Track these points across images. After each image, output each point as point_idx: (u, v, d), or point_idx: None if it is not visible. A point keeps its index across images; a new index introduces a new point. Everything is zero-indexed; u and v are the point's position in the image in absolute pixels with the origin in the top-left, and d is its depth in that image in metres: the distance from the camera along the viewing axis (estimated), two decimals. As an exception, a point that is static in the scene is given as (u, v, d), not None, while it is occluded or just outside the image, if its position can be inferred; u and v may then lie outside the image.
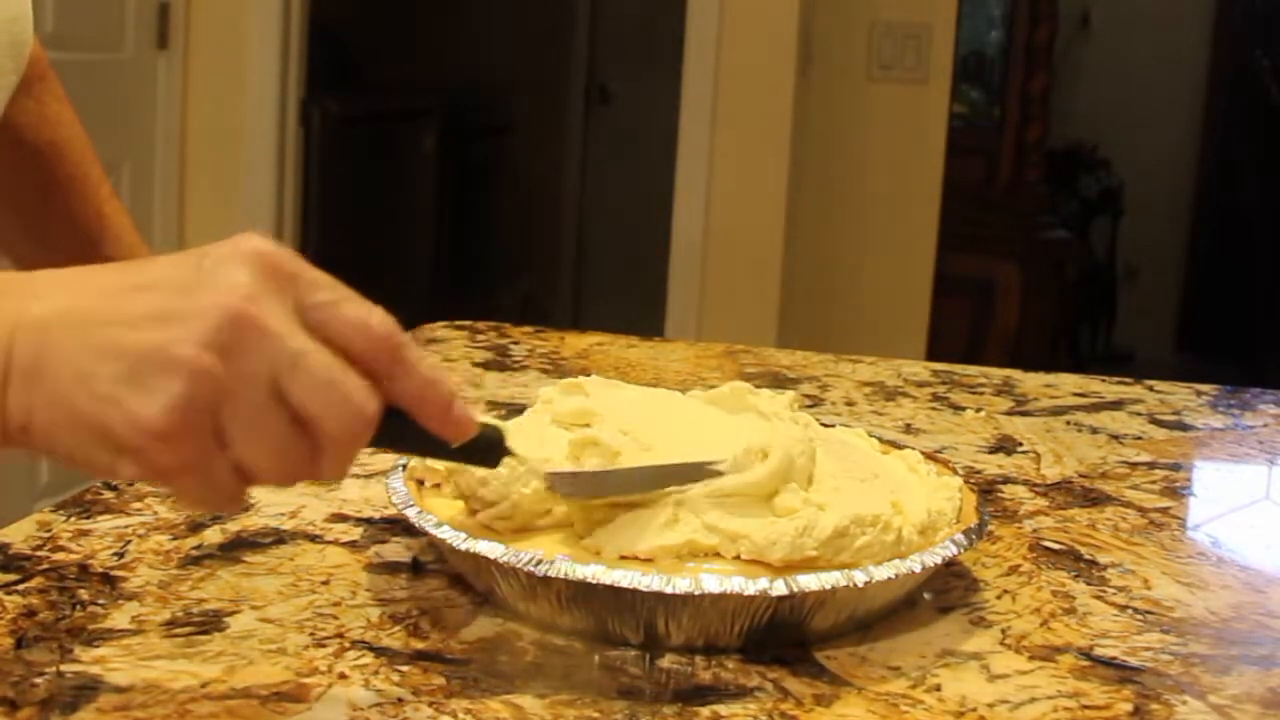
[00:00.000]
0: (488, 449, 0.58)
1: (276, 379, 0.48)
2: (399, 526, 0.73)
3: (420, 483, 0.69)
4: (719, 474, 0.62)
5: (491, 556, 0.60)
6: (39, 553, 0.68)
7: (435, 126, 4.49)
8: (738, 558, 0.61)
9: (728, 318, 2.96)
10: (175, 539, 0.71)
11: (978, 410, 1.08)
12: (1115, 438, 1.01)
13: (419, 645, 0.60)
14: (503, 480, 0.63)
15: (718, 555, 0.61)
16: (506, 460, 0.61)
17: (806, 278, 3.02)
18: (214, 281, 0.48)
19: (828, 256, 3.04)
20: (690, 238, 2.98)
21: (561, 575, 0.58)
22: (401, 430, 0.53)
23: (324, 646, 0.60)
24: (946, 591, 0.69)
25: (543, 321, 1.31)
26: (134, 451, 0.48)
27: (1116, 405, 1.12)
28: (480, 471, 0.63)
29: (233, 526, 0.73)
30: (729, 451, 0.65)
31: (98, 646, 0.58)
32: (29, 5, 0.86)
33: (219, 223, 3.12)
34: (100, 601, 0.63)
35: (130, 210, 1.03)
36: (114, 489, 0.78)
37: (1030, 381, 1.19)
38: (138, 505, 0.76)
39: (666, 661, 0.60)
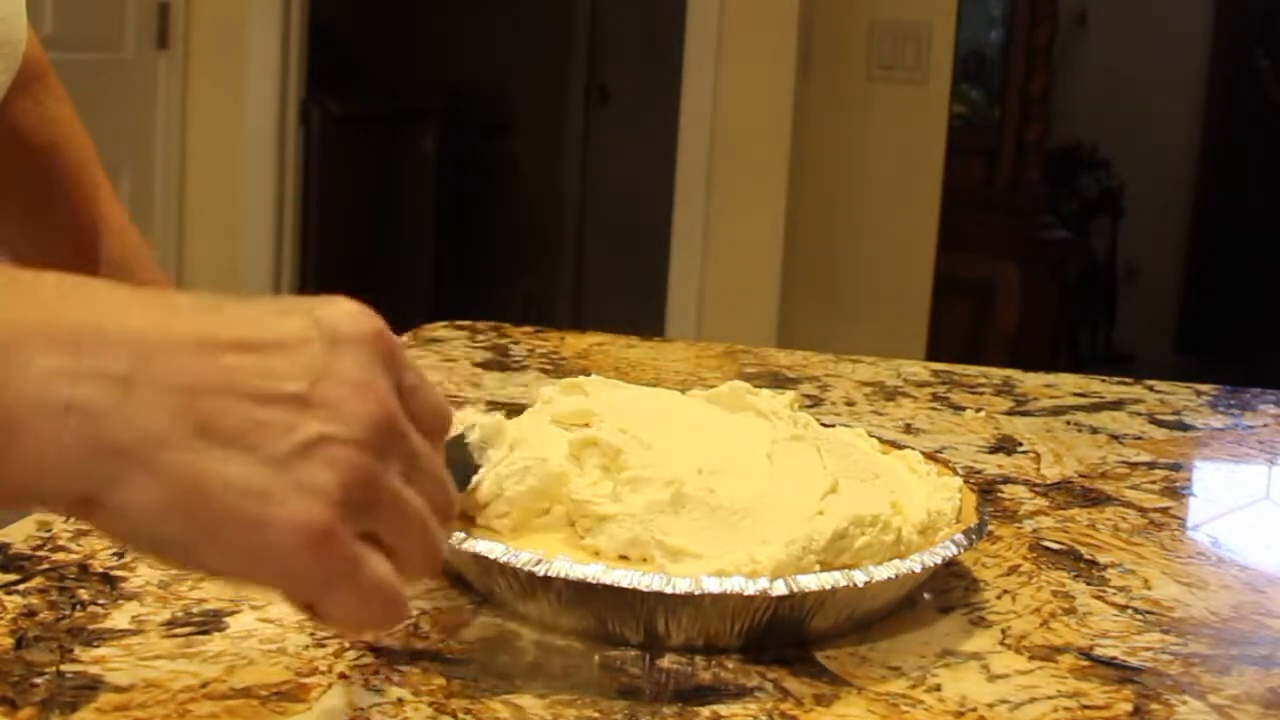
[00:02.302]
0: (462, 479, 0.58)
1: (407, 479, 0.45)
2: (399, 526, 0.73)
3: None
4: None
5: (491, 556, 0.60)
6: (39, 553, 0.68)
7: (435, 126, 4.49)
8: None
9: (728, 318, 2.96)
10: (175, 539, 0.71)
11: (978, 410, 1.08)
12: (1115, 438, 1.01)
13: (419, 645, 0.60)
14: (495, 479, 0.63)
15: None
16: (495, 456, 0.61)
17: (806, 278, 3.02)
18: (342, 368, 0.43)
19: (828, 257, 3.04)
20: (690, 238, 2.98)
21: (561, 575, 0.58)
22: None
23: (324, 646, 0.60)
24: (946, 591, 0.69)
25: (543, 321, 1.31)
26: (280, 556, 0.42)
27: (1116, 405, 1.12)
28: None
29: (233, 526, 0.73)
30: (730, 451, 0.65)
31: (98, 646, 0.58)
32: (21, 5, 0.86)
33: (219, 223, 3.12)
34: (100, 601, 0.63)
35: (130, 210, 1.03)
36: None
37: (1030, 381, 1.19)
38: (138, 505, 0.75)
39: (666, 661, 0.60)
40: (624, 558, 0.61)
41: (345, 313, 0.45)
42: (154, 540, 0.42)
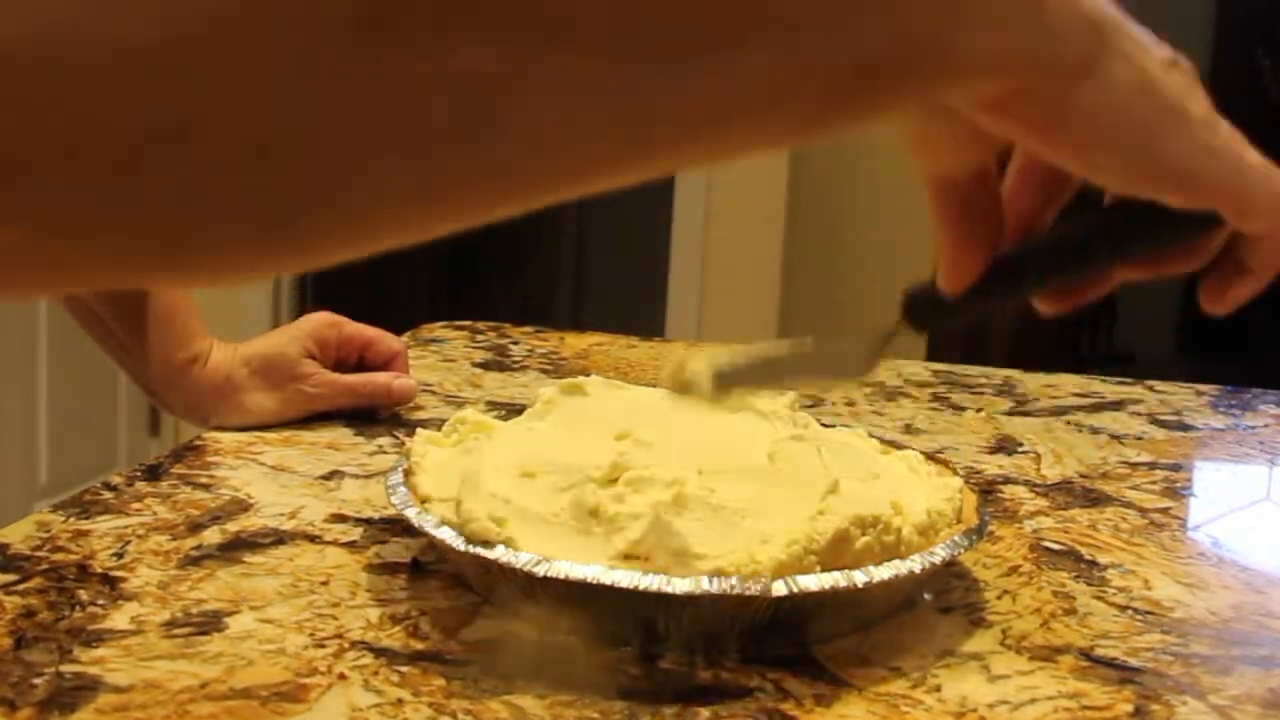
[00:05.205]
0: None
1: None
2: (399, 527, 0.73)
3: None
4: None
5: (491, 557, 0.60)
6: (38, 553, 0.68)
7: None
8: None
9: (728, 318, 2.96)
10: (175, 539, 0.71)
11: (978, 410, 1.08)
12: (1116, 438, 1.01)
13: (419, 646, 0.60)
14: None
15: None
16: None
17: (806, 278, 3.02)
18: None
19: (828, 256, 3.04)
20: (690, 238, 2.98)
21: (561, 575, 0.58)
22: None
23: (324, 647, 0.59)
24: (946, 592, 0.69)
25: (542, 322, 1.31)
26: (1231, 153, 0.44)
27: (1117, 405, 1.12)
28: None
29: (232, 527, 0.73)
30: (730, 452, 0.65)
31: (97, 647, 0.58)
32: None
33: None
34: (100, 602, 0.63)
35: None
36: (113, 489, 0.78)
37: (1030, 381, 1.19)
38: (137, 505, 0.75)
39: (666, 661, 0.60)
40: (626, 557, 0.61)
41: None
42: (1131, 114, 0.42)
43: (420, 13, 0.27)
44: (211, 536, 0.72)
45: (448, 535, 0.62)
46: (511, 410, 0.80)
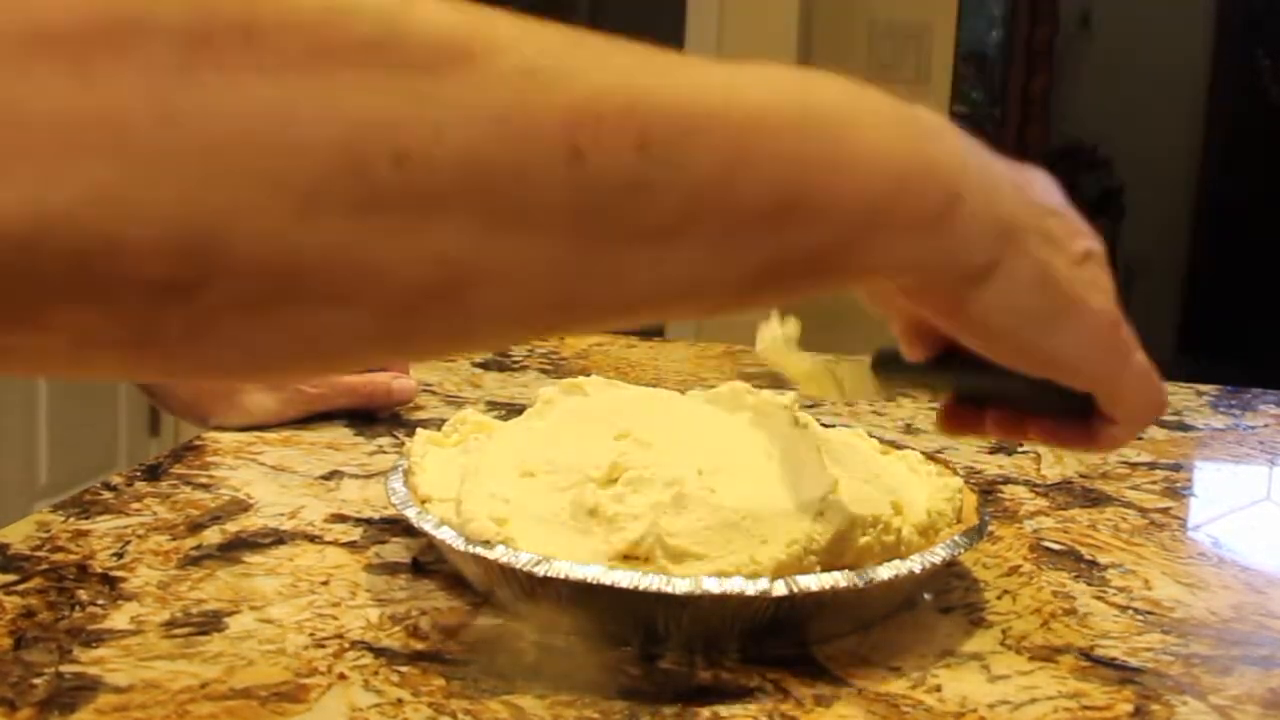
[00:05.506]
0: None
1: None
2: (399, 527, 0.73)
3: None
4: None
5: (491, 557, 0.60)
6: (38, 553, 0.68)
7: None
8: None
9: (728, 318, 2.95)
10: (175, 539, 0.71)
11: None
12: (1116, 438, 1.01)
13: (419, 646, 0.60)
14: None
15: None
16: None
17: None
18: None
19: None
20: (690, 238, 2.98)
21: (561, 575, 0.58)
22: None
23: (324, 647, 0.59)
24: (946, 592, 0.69)
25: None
26: (1100, 334, 0.48)
27: (1117, 405, 1.11)
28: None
29: (232, 527, 0.73)
30: (730, 452, 0.65)
31: (97, 647, 0.58)
32: None
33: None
34: (99, 602, 0.63)
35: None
36: (113, 489, 0.78)
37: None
38: (137, 505, 0.75)
39: (666, 662, 0.60)
40: (626, 557, 0.61)
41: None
42: (1023, 311, 0.46)
43: (406, 198, 0.31)
44: (211, 536, 0.72)
45: (448, 535, 0.62)
46: (511, 410, 0.80)
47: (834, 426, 0.78)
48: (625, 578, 0.58)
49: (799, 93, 0.40)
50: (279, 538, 0.72)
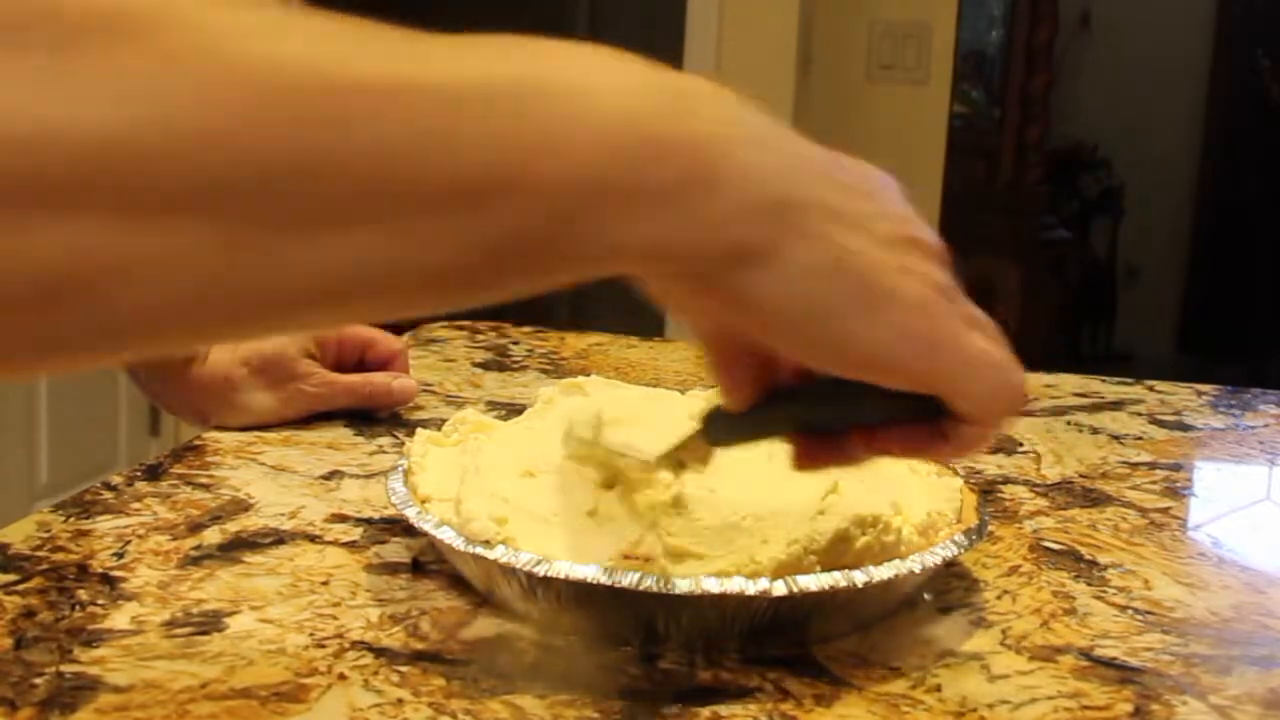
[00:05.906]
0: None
1: None
2: (399, 527, 0.73)
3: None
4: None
5: (491, 557, 0.60)
6: (38, 553, 0.68)
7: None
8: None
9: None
10: (175, 539, 0.71)
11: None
12: (1116, 438, 1.01)
13: (419, 645, 0.60)
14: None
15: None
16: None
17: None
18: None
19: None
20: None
21: (561, 575, 0.58)
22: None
23: (324, 647, 0.59)
24: (946, 592, 0.69)
25: (543, 321, 1.30)
26: (905, 321, 0.44)
27: (1117, 405, 1.12)
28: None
29: (232, 527, 0.73)
30: (730, 455, 0.65)
31: (97, 647, 0.58)
32: None
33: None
34: (100, 602, 0.63)
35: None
36: (113, 489, 0.78)
37: (1030, 381, 1.19)
38: (137, 505, 0.75)
39: (666, 661, 0.60)
40: (626, 558, 0.61)
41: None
42: (812, 298, 0.42)
43: (24, 188, 0.29)
44: (211, 536, 0.72)
45: (448, 535, 0.62)
46: (511, 410, 0.80)
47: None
48: (625, 578, 0.58)
49: (521, 65, 0.39)
50: (279, 538, 0.72)
